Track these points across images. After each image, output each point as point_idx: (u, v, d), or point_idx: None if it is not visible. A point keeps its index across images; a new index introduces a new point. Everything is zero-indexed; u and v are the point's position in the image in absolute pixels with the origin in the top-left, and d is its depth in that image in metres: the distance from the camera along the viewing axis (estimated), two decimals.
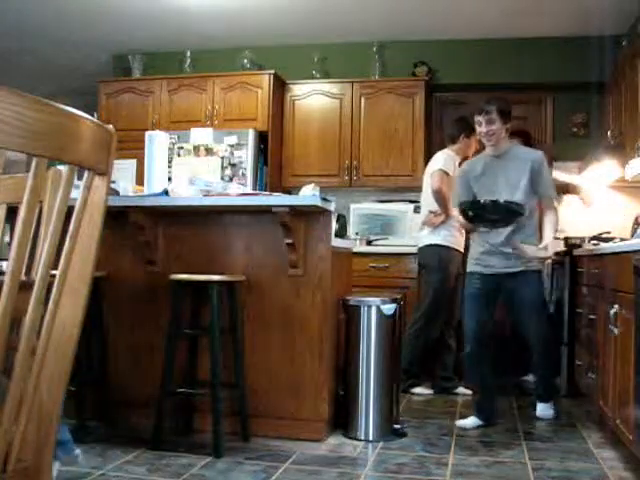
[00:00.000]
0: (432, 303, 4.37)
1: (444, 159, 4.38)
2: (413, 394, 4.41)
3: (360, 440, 3.25)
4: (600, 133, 5.11)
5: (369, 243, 5.19)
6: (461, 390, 4.43)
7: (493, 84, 5.36)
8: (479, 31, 5.33)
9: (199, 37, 5.69)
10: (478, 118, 3.52)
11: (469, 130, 4.21)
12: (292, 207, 3.05)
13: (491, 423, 3.56)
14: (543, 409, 3.76)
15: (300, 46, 5.73)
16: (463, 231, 4.25)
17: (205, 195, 3.25)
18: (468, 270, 3.68)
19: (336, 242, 3.40)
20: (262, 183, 5.33)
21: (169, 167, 4.48)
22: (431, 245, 4.38)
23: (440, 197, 4.26)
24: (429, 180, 4.39)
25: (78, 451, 2.45)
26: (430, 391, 4.48)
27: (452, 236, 4.34)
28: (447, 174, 4.28)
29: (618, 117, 4.67)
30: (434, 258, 4.37)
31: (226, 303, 3.15)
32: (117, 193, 3.41)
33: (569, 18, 4.95)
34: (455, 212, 3.75)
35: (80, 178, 1.06)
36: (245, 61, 5.71)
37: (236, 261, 3.32)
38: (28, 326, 0.97)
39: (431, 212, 4.39)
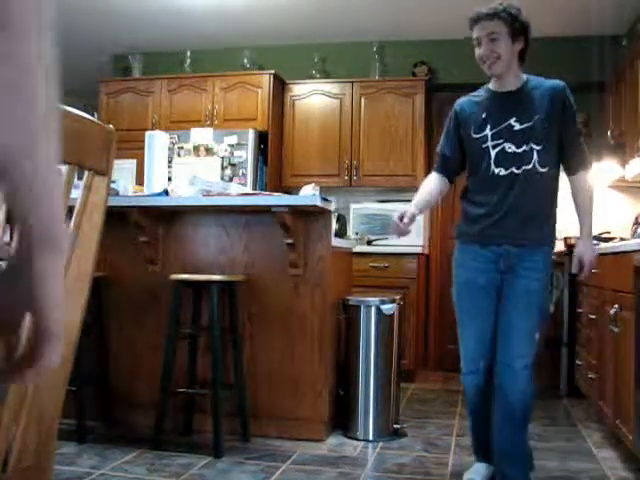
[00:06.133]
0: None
1: None
2: None
3: (360, 440, 3.25)
4: (600, 133, 5.10)
5: (369, 243, 5.19)
6: None
7: None
8: None
9: (199, 37, 5.69)
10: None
11: None
12: (292, 207, 3.05)
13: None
14: None
15: (300, 46, 5.72)
16: None
17: (205, 195, 3.25)
18: None
19: (336, 242, 3.41)
20: (262, 183, 5.32)
21: (169, 167, 4.48)
22: None
23: None
24: None
25: None
26: None
27: None
28: None
29: (618, 117, 4.67)
30: None
31: (226, 303, 3.15)
32: (117, 193, 3.41)
33: (569, 18, 4.95)
34: None
35: (80, 178, 1.06)
36: (245, 61, 5.71)
37: (236, 261, 3.32)
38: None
39: None
